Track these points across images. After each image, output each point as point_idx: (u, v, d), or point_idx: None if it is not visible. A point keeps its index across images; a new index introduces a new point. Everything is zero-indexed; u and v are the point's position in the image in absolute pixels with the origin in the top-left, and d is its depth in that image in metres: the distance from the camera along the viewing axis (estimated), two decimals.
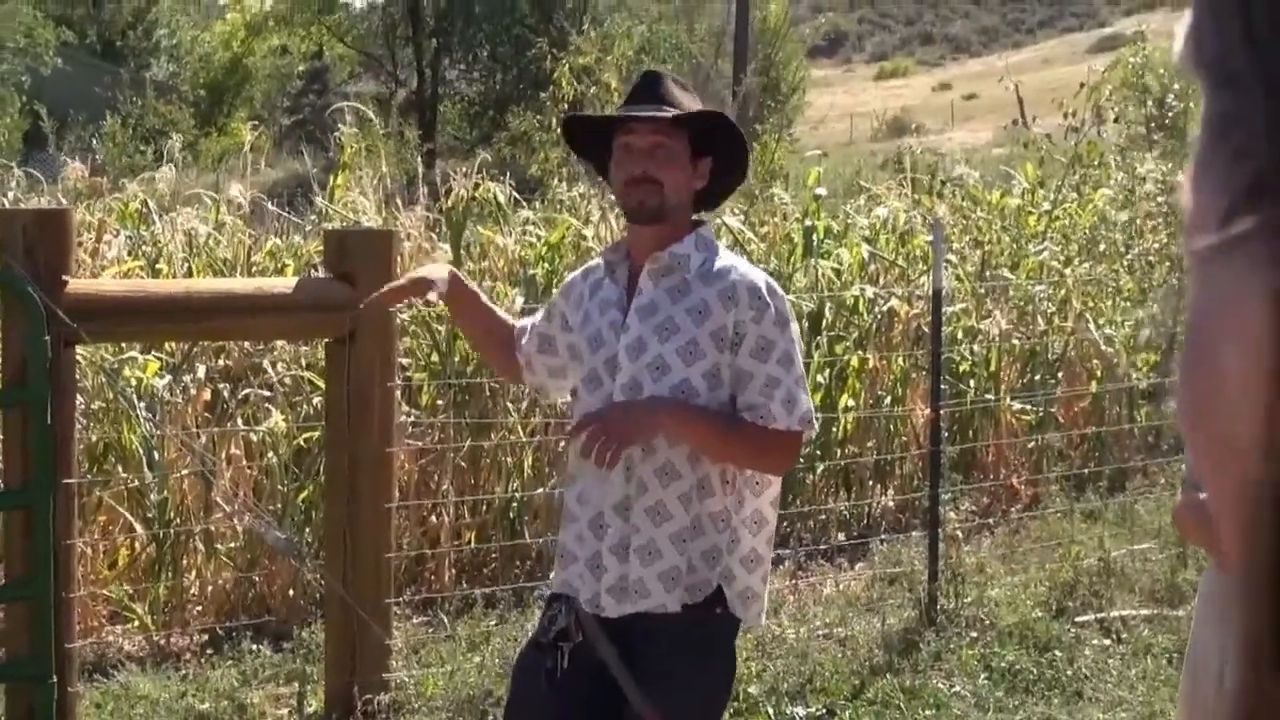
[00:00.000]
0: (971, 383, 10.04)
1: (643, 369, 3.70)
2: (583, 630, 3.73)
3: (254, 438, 7.87)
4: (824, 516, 9.17)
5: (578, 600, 3.77)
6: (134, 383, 7.65)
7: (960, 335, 10.04)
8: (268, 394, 7.98)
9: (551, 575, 4.00)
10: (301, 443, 7.92)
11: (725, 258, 3.82)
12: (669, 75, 3.96)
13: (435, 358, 8.37)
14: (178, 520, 7.60)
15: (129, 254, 8.81)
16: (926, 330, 9.13)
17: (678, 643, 3.70)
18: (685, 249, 3.77)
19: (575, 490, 3.85)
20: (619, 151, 3.78)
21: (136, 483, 7.55)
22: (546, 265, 9.19)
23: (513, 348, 4.15)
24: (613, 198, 5.21)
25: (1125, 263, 11.28)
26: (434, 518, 8.19)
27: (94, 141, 32.70)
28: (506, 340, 4.17)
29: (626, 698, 3.64)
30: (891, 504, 9.49)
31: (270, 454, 7.82)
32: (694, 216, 3.89)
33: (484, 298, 4.29)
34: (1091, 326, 10.49)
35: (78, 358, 6.12)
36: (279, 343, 8.03)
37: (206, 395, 7.90)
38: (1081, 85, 12.33)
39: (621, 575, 3.69)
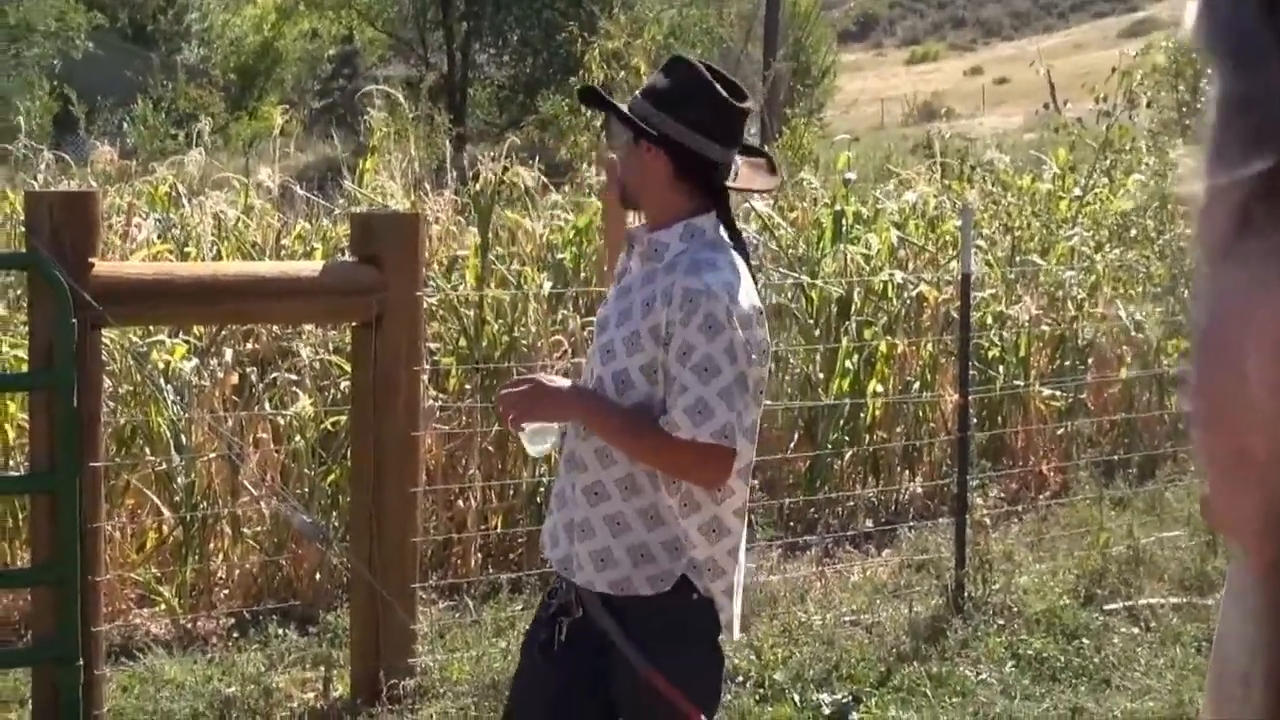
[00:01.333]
0: (1001, 368, 9.99)
1: (598, 350, 3.75)
2: (583, 605, 3.73)
3: (281, 421, 7.87)
4: (852, 502, 9.14)
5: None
6: (161, 366, 7.66)
7: (990, 321, 10.00)
8: (295, 378, 7.99)
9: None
10: (329, 426, 7.92)
11: (698, 253, 3.68)
12: (683, 63, 3.91)
13: (463, 342, 8.36)
14: (205, 504, 7.60)
15: (158, 237, 8.83)
16: (956, 316, 9.09)
17: (648, 624, 3.68)
18: (667, 237, 3.71)
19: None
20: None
21: (164, 466, 7.56)
22: (574, 249, 9.18)
23: None
24: None
25: (1156, 248, 11.22)
26: (460, 502, 8.18)
27: (124, 125, 32.78)
28: None
29: (622, 670, 3.65)
30: (919, 490, 9.46)
31: (297, 438, 7.82)
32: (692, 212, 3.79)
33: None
34: (1122, 312, 10.43)
35: (105, 341, 6.13)
36: (307, 326, 8.04)
37: (234, 379, 7.90)
38: (1114, 70, 12.27)
39: (566, 553, 3.78)
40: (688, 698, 3.64)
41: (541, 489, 8.29)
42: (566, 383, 3.83)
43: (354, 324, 6.30)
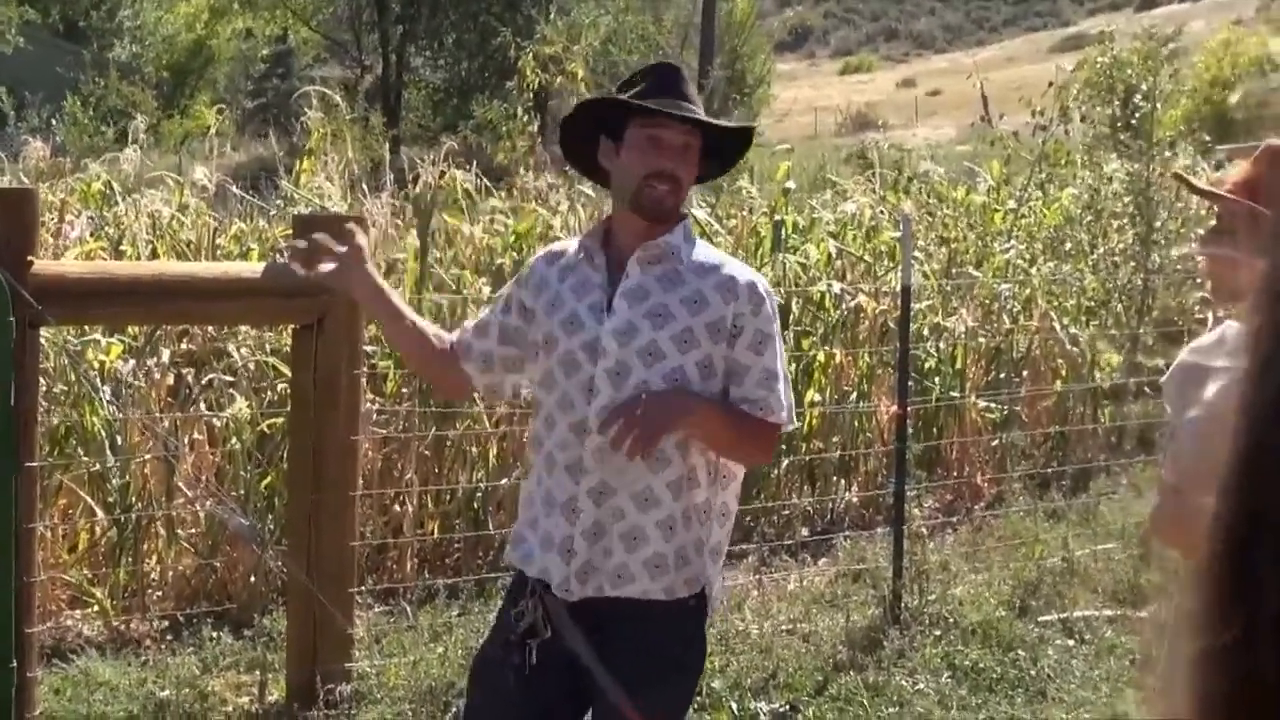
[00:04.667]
0: (936, 380, 10.04)
1: (632, 353, 3.64)
2: (551, 623, 3.68)
3: (217, 423, 7.81)
4: (788, 511, 9.15)
5: (542, 589, 3.72)
6: (97, 365, 7.58)
7: (926, 332, 10.05)
8: (231, 379, 7.92)
9: (510, 549, 3.94)
10: (265, 429, 7.86)
11: (710, 250, 3.84)
12: (685, 71, 3.95)
13: None
14: (139, 505, 7.52)
15: (91, 235, 8.74)
16: (893, 326, 9.13)
17: (659, 631, 3.68)
18: (676, 239, 3.74)
19: (543, 477, 3.81)
20: (643, 141, 3.70)
21: (98, 466, 7.48)
22: (514, 254, 9.15)
23: (454, 360, 4.00)
24: (586, 185, 4.99)
25: (1090, 262, 11.31)
26: (397, 506, 8.14)
27: (54, 121, 32.49)
28: (446, 354, 4.01)
29: (598, 690, 3.61)
30: (856, 500, 9.48)
31: (233, 440, 7.76)
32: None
33: (408, 310, 4.06)
34: (1056, 325, 10.51)
35: (41, 340, 6.06)
36: (243, 328, 7.97)
37: (170, 379, 7.83)
38: (1050, 84, 12.36)
39: (588, 559, 3.65)
40: (671, 710, 3.71)
41: (478, 495, 8.26)
42: (668, 391, 3.65)
43: (294, 326, 6.25)
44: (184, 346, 8.13)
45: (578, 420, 3.68)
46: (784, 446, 9.18)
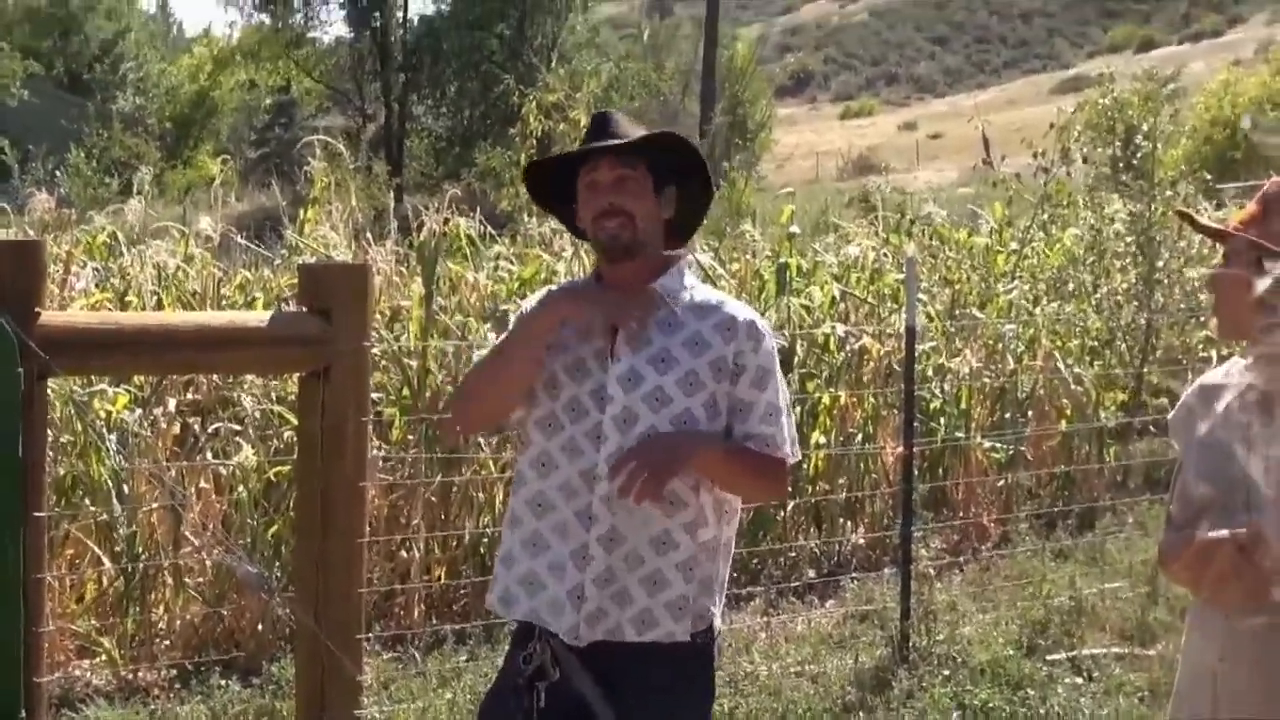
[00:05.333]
0: (942, 420, 10.05)
1: (639, 400, 3.65)
2: (559, 666, 3.68)
3: (224, 471, 7.82)
4: (794, 554, 9.15)
5: (550, 633, 3.72)
6: (103, 415, 7.60)
7: (930, 373, 10.06)
8: (238, 428, 7.94)
9: (491, 587, 3.91)
10: (271, 477, 7.87)
11: (706, 290, 3.84)
12: (619, 113, 3.95)
13: (406, 392, 8.34)
14: (146, 554, 7.53)
15: (97, 286, 8.77)
16: (897, 368, 9.15)
17: (672, 672, 3.67)
18: (673, 283, 3.76)
19: (526, 519, 3.81)
20: (584, 191, 3.76)
21: (105, 516, 7.49)
22: (518, 301, 9.17)
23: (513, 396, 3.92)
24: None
25: (1093, 302, 11.33)
26: (404, 553, 8.14)
27: (58, 173, 32.59)
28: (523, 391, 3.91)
29: None
30: (862, 541, 9.48)
31: (240, 488, 7.77)
32: (673, 251, 3.87)
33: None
34: (1060, 365, 10.52)
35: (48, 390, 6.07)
36: (249, 376, 7.99)
37: (176, 428, 7.85)
38: (1051, 126, 12.40)
39: (599, 606, 3.64)
40: None
41: (485, 540, 8.26)
42: (673, 435, 3.65)
43: (301, 374, 6.26)
44: (190, 396, 8.15)
45: (587, 468, 3.68)
46: (790, 489, 9.18)
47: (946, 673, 7.17)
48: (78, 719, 6.54)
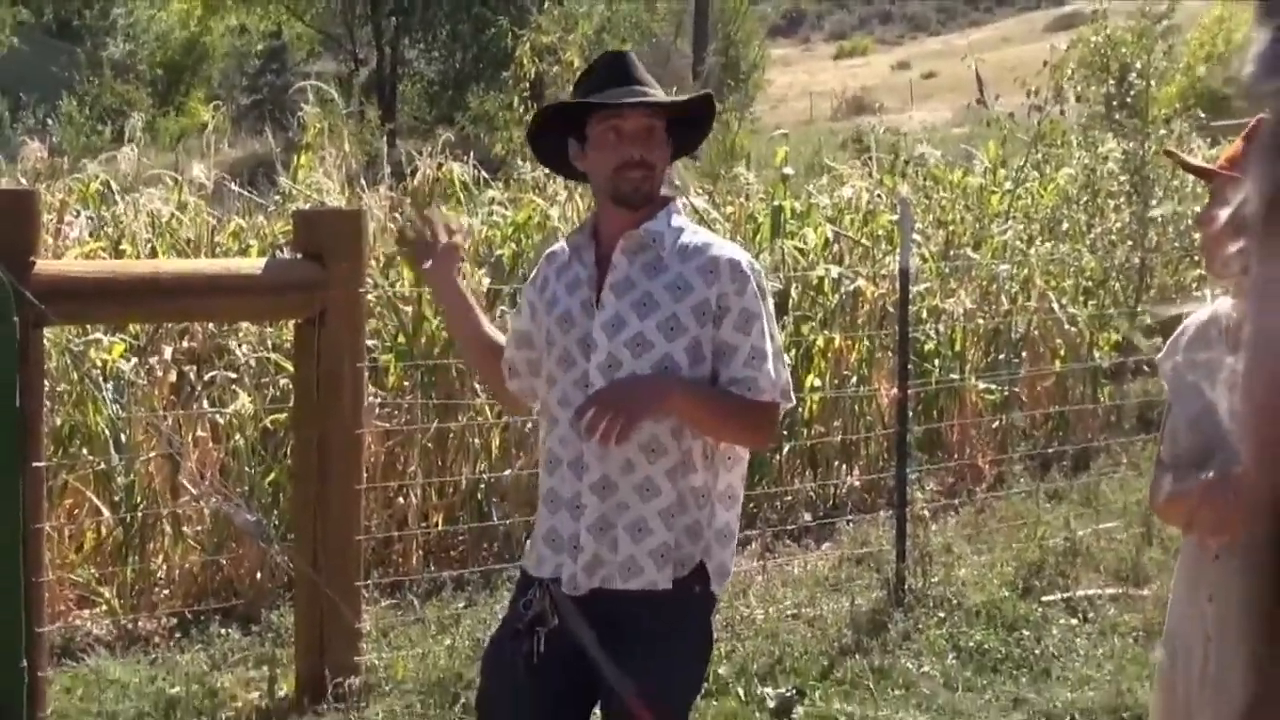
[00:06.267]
0: (936, 362, 10.06)
1: (621, 345, 3.67)
2: (559, 613, 3.71)
3: (220, 420, 7.83)
4: (790, 497, 9.17)
5: (550, 582, 3.75)
6: (99, 364, 7.60)
7: (925, 315, 10.06)
8: (234, 376, 7.95)
9: (525, 554, 3.98)
10: (268, 424, 7.89)
11: (698, 233, 3.82)
12: (634, 55, 3.96)
13: (402, 339, 8.35)
14: (144, 503, 7.56)
15: (91, 235, 8.76)
16: (891, 310, 9.15)
17: (665, 620, 3.68)
18: (659, 226, 3.74)
19: (545, 475, 3.84)
20: (605, 135, 3.73)
21: (103, 465, 7.50)
22: (513, 246, 9.17)
23: (498, 356, 4.09)
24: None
25: (1087, 242, 11.33)
26: (401, 499, 8.16)
27: (50, 121, 32.50)
28: (496, 348, 4.11)
29: (605, 680, 3.63)
30: (858, 484, 9.50)
31: (237, 436, 7.79)
32: (663, 192, 3.88)
33: (474, 302, 4.25)
34: (1055, 305, 10.53)
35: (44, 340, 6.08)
36: (244, 324, 8.00)
37: (172, 377, 7.85)
38: (1045, 64, 12.36)
39: (595, 554, 3.67)
40: (678, 698, 3.73)
41: (482, 486, 8.29)
42: (645, 377, 3.67)
43: (296, 321, 6.28)
44: (185, 344, 8.15)
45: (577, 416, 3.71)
46: (785, 432, 9.20)
47: (942, 615, 7.20)
48: (79, 668, 6.57)
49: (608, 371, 3.67)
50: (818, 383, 9.54)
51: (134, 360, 7.69)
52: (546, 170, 10.30)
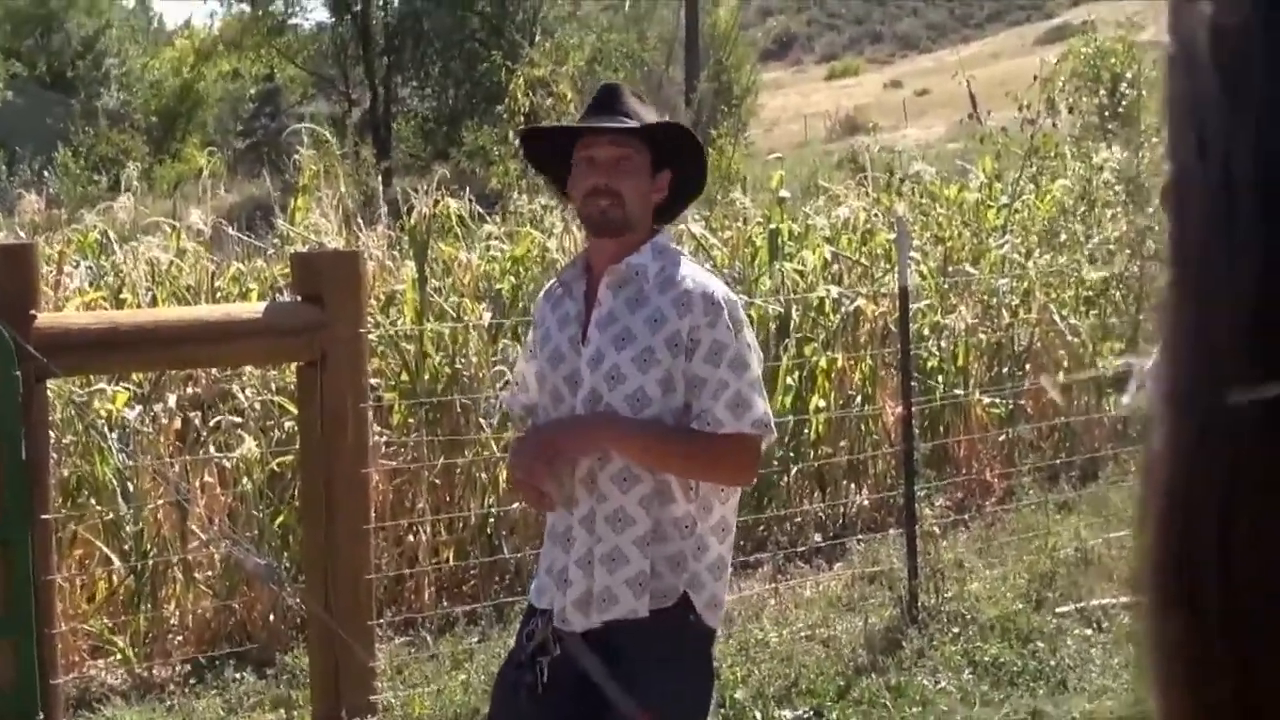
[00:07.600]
0: (940, 378, 10.06)
1: (601, 379, 3.69)
2: (561, 643, 3.71)
3: (227, 464, 7.84)
4: (800, 518, 9.17)
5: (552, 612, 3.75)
6: (104, 414, 7.61)
7: (926, 332, 10.06)
8: (238, 420, 7.96)
9: (531, 591, 3.98)
10: (275, 467, 7.90)
11: (680, 264, 3.80)
12: (627, 87, 3.96)
13: (405, 377, 8.36)
14: (155, 551, 7.56)
15: (90, 285, 8.78)
16: (893, 328, 9.15)
17: (654, 650, 3.66)
18: (643, 259, 3.75)
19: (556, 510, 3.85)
20: (580, 164, 3.77)
21: (111, 515, 7.51)
22: (512, 279, 9.19)
23: None
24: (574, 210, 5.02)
25: (1086, 252, 11.33)
26: (411, 537, 8.16)
27: (45, 173, 32.56)
28: None
29: (609, 708, 3.62)
30: (866, 503, 9.50)
31: (244, 480, 7.79)
32: (656, 227, 3.89)
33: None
34: (1056, 317, 10.53)
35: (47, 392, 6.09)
36: (247, 368, 8.01)
37: (177, 424, 7.86)
38: (1035, 78, 12.39)
39: (586, 589, 3.68)
40: None
41: (491, 520, 8.29)
42: (578, 417, 3.72)
43: (298, 364, 6.28)
44: (189, 390, 8.16)
45: None
46: (792, 454, 9.20)
47: (956, 630, 7.19)
48: (95, 718, 6.57)
49: (590, 405, 3.69)
50: (823, 404, 9.54)
51: (138, 408, 7.70)
52: (543, 202, 10.40)
